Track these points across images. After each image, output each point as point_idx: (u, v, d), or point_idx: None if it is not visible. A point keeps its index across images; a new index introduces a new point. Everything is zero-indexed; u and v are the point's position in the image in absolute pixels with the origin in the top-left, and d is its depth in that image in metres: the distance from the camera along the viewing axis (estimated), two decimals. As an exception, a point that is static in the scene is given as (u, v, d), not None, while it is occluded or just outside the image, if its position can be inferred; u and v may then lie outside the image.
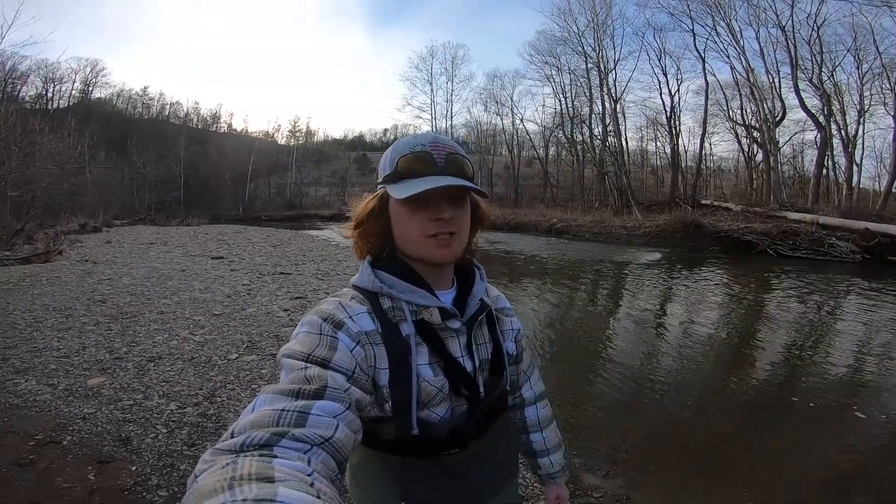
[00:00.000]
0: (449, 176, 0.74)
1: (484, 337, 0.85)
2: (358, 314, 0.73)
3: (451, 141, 0.79)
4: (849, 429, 3.28)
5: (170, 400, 3.17)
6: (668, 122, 27.65)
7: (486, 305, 0.84)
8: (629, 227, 18.12)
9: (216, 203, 36.63)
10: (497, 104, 35.77)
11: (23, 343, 4.27)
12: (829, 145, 20.86)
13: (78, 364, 3.78)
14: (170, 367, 3.77)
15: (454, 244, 0.76)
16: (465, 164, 0.77)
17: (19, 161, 17.04)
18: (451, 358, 0.77)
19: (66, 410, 2.91)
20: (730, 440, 3.09)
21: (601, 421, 3.40)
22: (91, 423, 2.75)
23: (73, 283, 7.35)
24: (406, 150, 0.75)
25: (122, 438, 2.59)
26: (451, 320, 0.78)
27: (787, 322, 6.32)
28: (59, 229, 16.10)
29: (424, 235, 0.75)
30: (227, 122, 56.99)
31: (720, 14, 22.32)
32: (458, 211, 0.76)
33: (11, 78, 34.58)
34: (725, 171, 33.08)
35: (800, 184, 23.73)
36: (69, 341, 4.37)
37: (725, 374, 4.45)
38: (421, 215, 0.74)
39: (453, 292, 0.83)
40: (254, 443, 0.46)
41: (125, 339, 4.47)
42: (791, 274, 10.21)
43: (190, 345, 4.37)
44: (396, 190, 0.74)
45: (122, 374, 3.59)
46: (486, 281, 0.89)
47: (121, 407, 3.01)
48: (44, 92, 40.78)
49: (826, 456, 2.90)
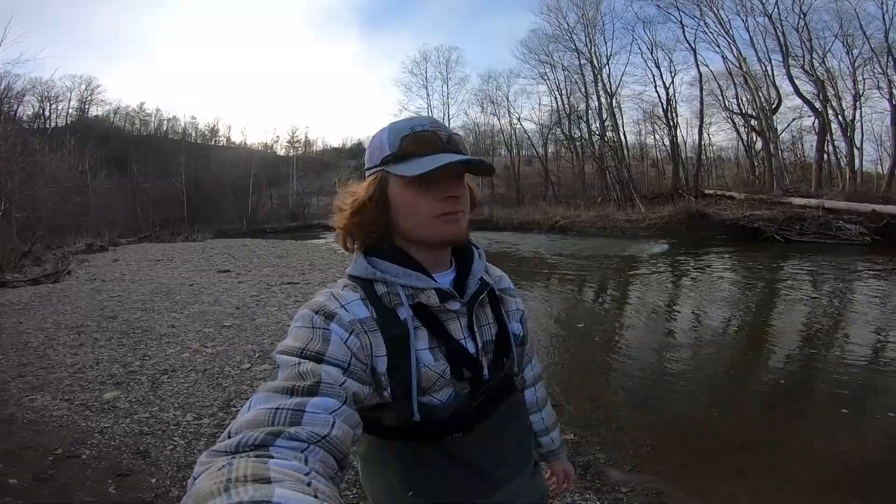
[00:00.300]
0: (455, 154, 0.72)
1: (487, 317, 0.82)
2: (350, 302, 0.70)
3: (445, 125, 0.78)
4: (869, 417, 3.22)
5: (185, 411, 3.16)
6: (664, 114, 27.41)
7: (487, 284, 0.82)
8: (633, 221, 18.07)
9: (219, 217, 36.71)
10: (493, 105, 35.66)
11: (37, 360, 4.28)
12: (828, 130, 20.73)
13: (92, 378, 3.78)
14: (183, 379, 3.77)
15: (462, 222, 0.75)
16: (464, 143, 0.76)
17: (22, 181, 17.18)
18: (453, 340, 0.75)
19: (84, 425, 2.90)
20: (751, 430, 3.05)
21: (621, 415, 3.35)
22: (108, 437, 2.74)
23: (84, 300, 7.37)
24: (406, 130, 0.73)
25: (140, 451, 2.57)
26: (449, 301, 0.75)
27: (801, 308, 6.26)
28: (67, 249, 16.16)
29: (432, 215, 0.73)
30: (225, 136, 57.18)
31: (707, 4, 22.33)
32: (463, 190, 0.75)
33: (7, 97, 34.85)
34: (726, 160, 32.88)
35: (801, 169, 23.53)
36: (82, 357, 4.37)
37: (741, 364, 4.40)
38: (429, 196, 0.72)
39: (452, 273, 0.81)
40: (249, 443, 0.45)
41: (137, 353, 4.47)
42: (801, 259, 10.13)
43: (202, 357, 4.37)
44: (405, 169, 0.71)
45: (137, 388, 3.58)
46: (484, 260, 0.86)
47: (137, 420, 2.99)
48: (41, 111, 40.93)
49: (848, 445, 2.83)
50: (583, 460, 2.64)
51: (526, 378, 1.00)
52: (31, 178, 18.17)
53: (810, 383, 3.80)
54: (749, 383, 3.88)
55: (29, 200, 17.69)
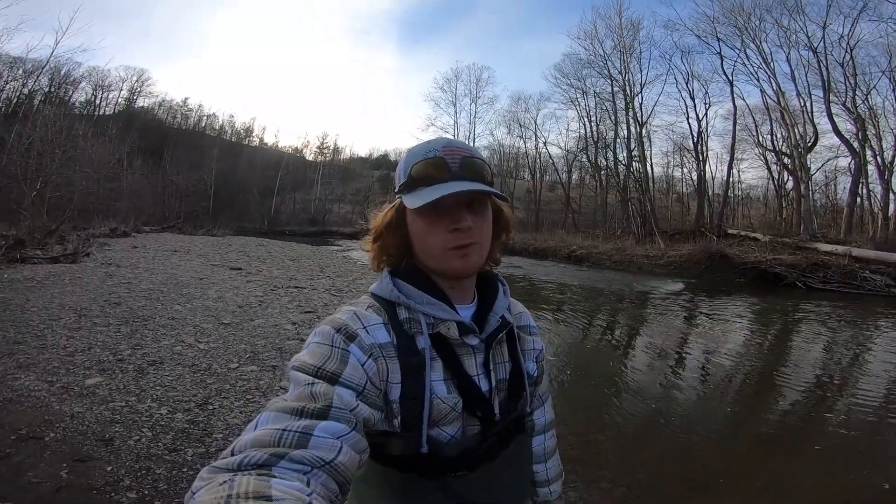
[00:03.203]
0: (465, 181, 0.70)
1: (503, 356, 0.80)
2: (373, 325, 0.69)
3: (466, 144, 0.75)
4: (871, 474, 3.02)
5: (161, 404, 3.16)
6: (694, 147, 26.97)
7: (508, 323, 0.80)
8: (651, 256, 17.70)
9: (243, 215, 37.62)
10: (521, 127, 35.86)
11: (33, 339, 4.37)
12: (863, 172, 20.03)
13: (80, 363, 3.83)
14: (169, 373, 3.78)
15: (472, 255, 0.72)
16: (482, 167, 0.73)
17: (61, 164, 17.94)
18: (466, 376, 0.73)
19: (57, 408, 2.93)
20: (738, 480, 2.89)
21: (605, 453, 3.24)
22: (78, 422, 2.76)
23: (94, 284, 7.56)
24: (419, 157, 0.72)
25: (105, 439, 2.58)
26: (468, 336, 0.74)
27: (814, 359, 5.98)
28: (91, 232, 16.71)
29: (445, 248, 0.71)
30: (258, 136, 59.01)
31: (749, 36, 21.98)
32: (479, 219, 0.72)
33: (65, 83, 36.76)
34: (754, 199, 32.21)
35: (832, 213, 22.89)
36: (77, 340, 4.44)
37: (742, 412, 4.20)
38: (439, 225, 0.70)
39: (474, 307, 0.79)
40: (251, 463, 0.45)
41: (131, 342, 4.53)
42: (821, 307, 9.73)
43: (193, 351, 4.39)
44: (410, 199, 0.70)
45: (121, 376, 3.61)
46: (509, 297, 0.84)
47: (111, 408, 3.01)
48: (93, 98, 43.18)
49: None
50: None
51: (536, 423, 0.96)
52: (70, 161, 18.95)
53: (811, 441, 3.58)
54: (744, 433, 3.69)
55: (65, 182, 18.44)
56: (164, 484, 2.22)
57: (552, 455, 0.99)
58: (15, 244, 10.45)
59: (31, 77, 32.75)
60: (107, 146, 25.35)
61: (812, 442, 3.53)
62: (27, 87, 33.03)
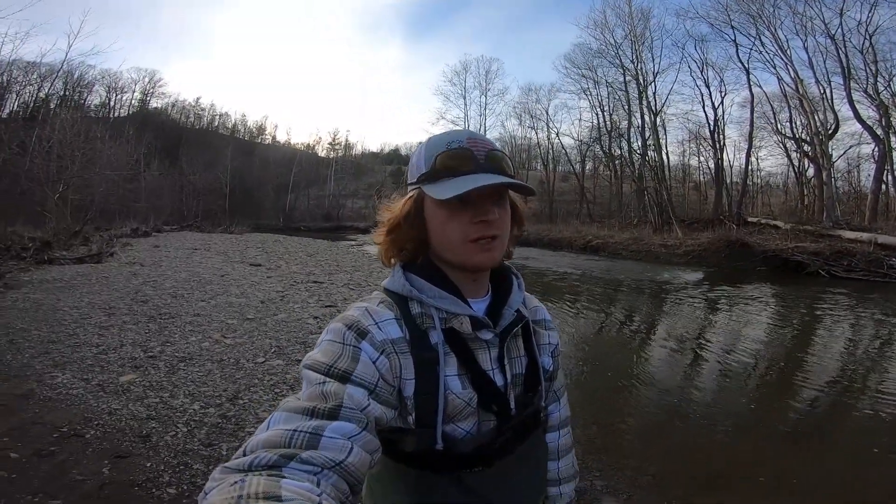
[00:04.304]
0: (491, 174, 0.69)
1: (518, 350, 0.79)
2: (384, 320, 0.69)
3: (487, 137, 0.74)
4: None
5: (194, 399, 3.24)
6: (711, 135, 26.43)
7: (523, 317, 0.79)
8: (669, 246, 17.43)
9: (258, 212, 38.11)
10: (532, 118, 35.58)
11: (66, 338, 4.50)
12: (888, 159, 19.38)
13: (114, 360, 3.94)
14: (199, 368, 3.87)
15: (496, 248, 0.71)
16: (505, 160, 0.72)
17: (82, 166, 18.32)
18: (480, 371, 0.72)
19: (95, 405, 3.02)
20: (763, 470, 2.86)
21: (628, 442, 3.25)
22: (116, 419, 2.84)
23: (120, 283, 7.74)
24: (442, 147, 0.70)
25: (142, 435, 2.65)
26: (482, 330, 0.73)
27: (837, 349, 5.86)
28: (113, 232, 17.07)
29: (465, 240, 0.70)
30: (271, 134, 59.47)
31: (764, 23, 21.42)
32: (502, 211, 0.71)
33: (79, 86, 37.49)
34: (773, 187, 31.48)
35: (856, 200, 22.18)
36: (109, 338, 4.57)
37: (765, 405, 4.13)
38: (462, 217, 0.69)
39: (487, 300, 0.78)
40: (262, 463, 0.46)
41: (161, 339, 4.64)
42: (845, 296, 9.51)
43: (220, 347, 4.49)
44: (436, 190, 0.69)
45: (154, 373, 3.71)
46: (524, 290, 0.83)
47: (146, 404, 3.09)
48: (106, 101, 44.01)
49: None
50: (579, 486, 2.54)
51: (552, 419, 0.94)
52: (90, 164, 19.33)
53: (835, 432, 3.54)
54: (767, 424, 3.63)
55: (85, 184, 18.83)
56: (202, 479, 2.28)
57: (566, 453, 0.97)
58: (42, 246, 10.74)
59: (47, 81, 33.50)
60: (124, 147, 25.75)
61: (837, 437, 3.48)
62: (43, 91, 33.81)
